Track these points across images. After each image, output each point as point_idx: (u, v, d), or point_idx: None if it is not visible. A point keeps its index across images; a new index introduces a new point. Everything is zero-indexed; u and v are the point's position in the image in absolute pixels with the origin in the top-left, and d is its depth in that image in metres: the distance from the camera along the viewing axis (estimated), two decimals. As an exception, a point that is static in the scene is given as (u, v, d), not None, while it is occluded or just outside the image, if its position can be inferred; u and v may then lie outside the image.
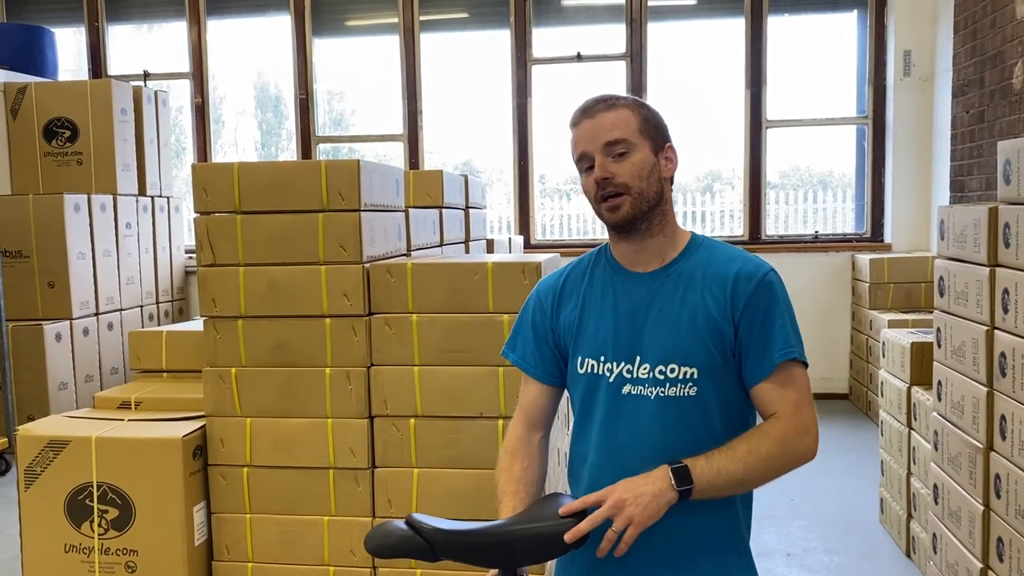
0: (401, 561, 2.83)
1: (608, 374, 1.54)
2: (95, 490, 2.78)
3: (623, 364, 1.53)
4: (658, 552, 1.51)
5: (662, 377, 1.51)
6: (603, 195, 1.51)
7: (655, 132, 1.56)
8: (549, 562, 2.88)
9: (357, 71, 6.83)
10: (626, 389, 1.53)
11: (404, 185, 3.40)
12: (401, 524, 1.40)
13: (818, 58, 6.30)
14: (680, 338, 1.50)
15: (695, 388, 1.50)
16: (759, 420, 1.58)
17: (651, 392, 1.51)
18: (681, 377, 1.50)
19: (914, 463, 3.33)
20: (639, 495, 1.37)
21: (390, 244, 3.11)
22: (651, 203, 1.53)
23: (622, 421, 1.53)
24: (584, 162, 1.54)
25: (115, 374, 5.51)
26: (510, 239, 5.62)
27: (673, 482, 1.39)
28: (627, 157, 1.51)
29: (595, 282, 1.61)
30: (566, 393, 1.73)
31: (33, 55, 6.03)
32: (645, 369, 1.51)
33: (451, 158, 6.85)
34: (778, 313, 1.51)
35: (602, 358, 1.55)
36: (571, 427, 1.65)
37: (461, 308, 2.80)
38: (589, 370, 1.57)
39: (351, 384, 2.82)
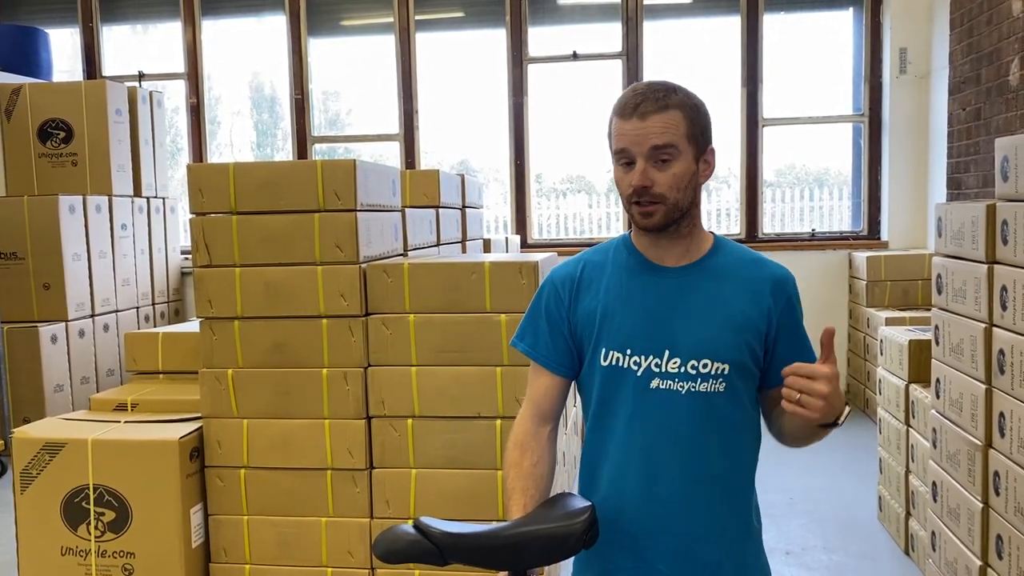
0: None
1: (635, 367, 1.51)
2: (91, 492, 2.77)
3: (652, 358, 1.51)
4: (674, 551, 1.51)
5: (694, 372, 1.49)
6: (637, 200, 1.48)
7: (701, 137, 1.51)
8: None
9: (353, 71, 6.82)
10: (655, 383, 1.50)
11: (400, 185, 3.39)
12: (409, 528, 1.38)
13: (814, 56, 6.30)
14: (713, 334, 1.49)
15: (725, 384, 1.49)
16: (759, 421, 1.60)
17: (682, 387, 1.49)
18: (713, 373, 1.49)
19: (913, 461, 3.33)
20: (833, 400, 1.40)
21: (387, 244, 3.10)
22: (684, 211, 1.51)
23: (650, 416, 1.51)
24: (624, 156, 1.49)
25: (111, 376, 5.49)
26: (507, 239, 5.62)
27: (842, 416, 1.44)
28: (669, 165, 1.47)
29: (618, 273, 1.57)
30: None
31: (27, 56, 6.01)
32: (675, 363, 1.50)
33: (447, 158, 6.84)
34: (801, 322, 1.57)
35: (628, 351, 1.52)
36: (587, 421, 1.62)
37: (458, 308, 2.80)
38: (613, 363, 1.53)
39: (348, 385, 2.81)
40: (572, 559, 1.64)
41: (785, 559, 3.40)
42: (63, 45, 6.89)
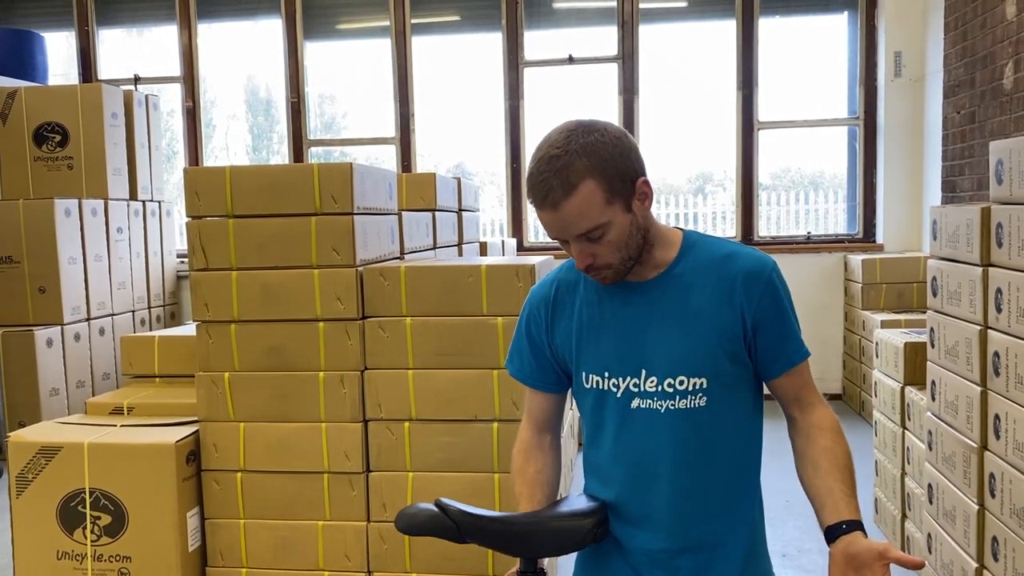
0: (398, 564, 2.82)
1: (615, 389, 1.50)
2: (87, 496, 2.76)
3: (629, 379, 1.48)
4: (668, 566, 1.51)
5: (671, 390, 1.46)
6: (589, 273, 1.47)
7: (622, 184, 1.39)
8: (547, 561, 2.88)
9: (349, 74, 6.82)
10: (635, 404, 1.48)
11: (397, 188, 3.40)
12: (430, 505, 1.46)
13: (809, 59, 6.32)
14: (687, 348, 1.46)
15: (705, 398, 1.46)
16: (758, 422, 1.58)
17: (661, 406, 1.47)
18: (691, 388, 1.46)
19: (908, 463, 3.33)
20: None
21: (383, 247, 3.11)
22: (637, 254, 1.47)
23: (633, 436, 1.50)
24: (557, 239, 1.45)
25: (107, 379, 5.48)
26: (503, 242, 5.62)
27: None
28: (604, 237, 1.40)
29: (589, 293, 1.55)
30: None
31: (23, 59, 6.00)
32: (652, 382, 1.47)
33: (444, 161, 6.85)
34: (788, 308, 1.50)
35: (606, 373, 1.50)
36: (583, 435, 1.64)
37: (455, 311, 2.80)
38: (595, 386, 1.53)
39: (345, 388, 2.81)
40: (572, 572, 1.66)
41: (781, 561, 3.40)
42: (59, 48, 6.88)
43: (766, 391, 1.58)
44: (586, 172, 1.36)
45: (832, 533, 1.38)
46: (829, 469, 1.45)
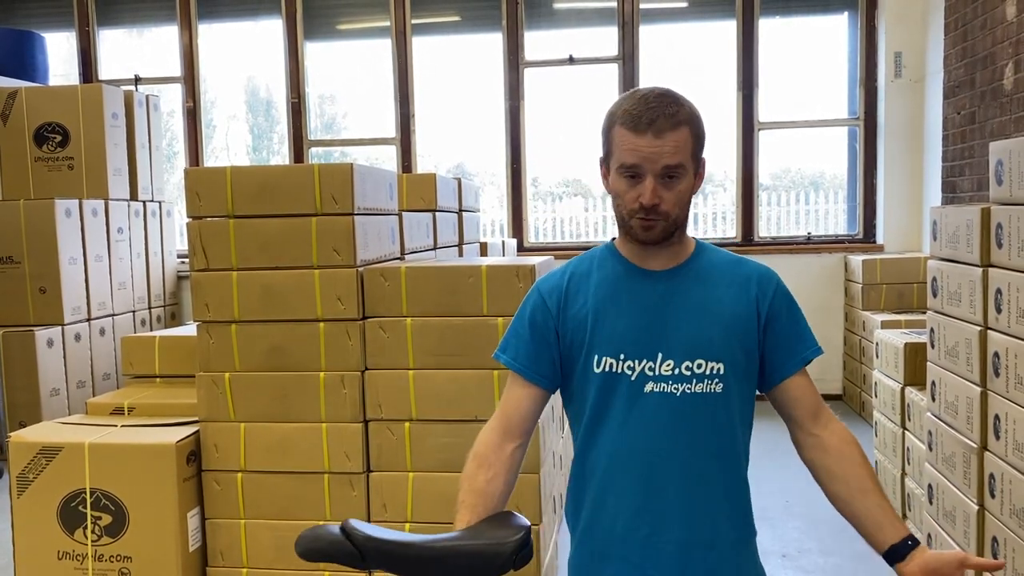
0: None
1: (629, 372, 1.51)
2: (88, 496, 2.76)
3: (645, 361, 1.51)
4: (673, 558, 1.51)
5: (688, 373, 1.49)
6: (643, 216, 1.48)
7: (700, 151, 1.53)
8: (547, 562, 2.88)
9: (349, 75, 6.83)
10: (649, 387, 1.50)
11: (397, 188, 3.40)
12: (334, 529, 1.38)
13: (809, 60, 6.32)
14: (706, 333, 1.50)
15: (721, 384, 1.50)
16: (751, 422, 1.61)
17: (676, 389, 1.50)
18: (708, 372, 1.50)
19: (908, 463, 3.34)
20: None
21: (384, 248, 3.11)
22: (682, 223, 1.54)
23: (644, 419, 1.50)
24: (632, 171, 1.47)
25: (107, 380, 5.48)
26: (503, 242, 5.63)
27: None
28: (676, 183, 1.48)
29: (605, 279, 1.57)
30: (553, 400, 1.70)
31: (24, 60, 6.01)
32: (669, 366, 1.50)
33: (444, 161, 6.85)
34: (798, 311, 1.59)
35: (621, 356, 1.51)
36: (578, 432, 1.60)
37: (455, 311, 2.80)
38: (607, 369, 1.52)
39: (345, 388, 2.81)
40: (567, 573, 1.64)
41: (781, 562, 3.40)
42: (59, 49, 6.89)
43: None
44: (688, 120, 1.49)
45: (900, 551, 1.45)
46: (874, 487, 1.51)
